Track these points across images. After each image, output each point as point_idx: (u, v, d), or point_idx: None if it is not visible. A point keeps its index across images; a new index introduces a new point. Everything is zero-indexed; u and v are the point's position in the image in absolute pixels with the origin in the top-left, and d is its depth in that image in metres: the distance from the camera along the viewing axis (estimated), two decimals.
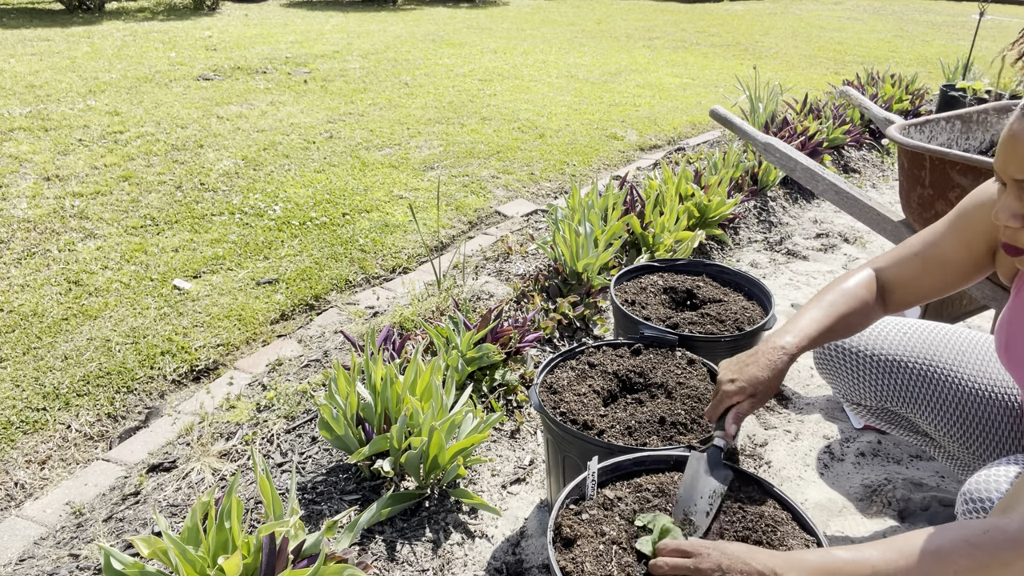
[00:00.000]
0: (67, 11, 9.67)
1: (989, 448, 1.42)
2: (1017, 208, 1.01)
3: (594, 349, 1.75)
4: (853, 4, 15.44)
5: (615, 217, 2.80)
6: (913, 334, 1.49)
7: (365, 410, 1.71)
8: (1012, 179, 1.00)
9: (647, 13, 12.54)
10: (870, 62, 8.01)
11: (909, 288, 1.32)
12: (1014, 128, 0.98)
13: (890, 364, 1.46)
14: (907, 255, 1.32)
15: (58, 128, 4.45)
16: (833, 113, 4.66)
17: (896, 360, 1.46)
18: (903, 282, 1.32)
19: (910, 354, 1.46)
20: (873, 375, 1.48)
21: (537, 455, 1.96)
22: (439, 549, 1.60)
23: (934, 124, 2.38)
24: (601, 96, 6.02)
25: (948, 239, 1.28)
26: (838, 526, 1.77)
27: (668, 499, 1.21)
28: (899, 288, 1.32)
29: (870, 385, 1.49)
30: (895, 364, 1.46)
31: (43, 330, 2.44)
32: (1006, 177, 1.01)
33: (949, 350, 1.46)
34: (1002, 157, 1.01)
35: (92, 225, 3.21)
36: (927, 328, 1.51)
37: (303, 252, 3.06)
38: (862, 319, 1.30)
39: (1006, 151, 0.99)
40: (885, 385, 1.47)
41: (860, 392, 1.51)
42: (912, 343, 1.47)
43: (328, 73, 6.46)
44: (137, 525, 1.63)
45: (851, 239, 3.54)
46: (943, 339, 1.48)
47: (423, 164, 4.18)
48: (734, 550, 0.97)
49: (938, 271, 1.29)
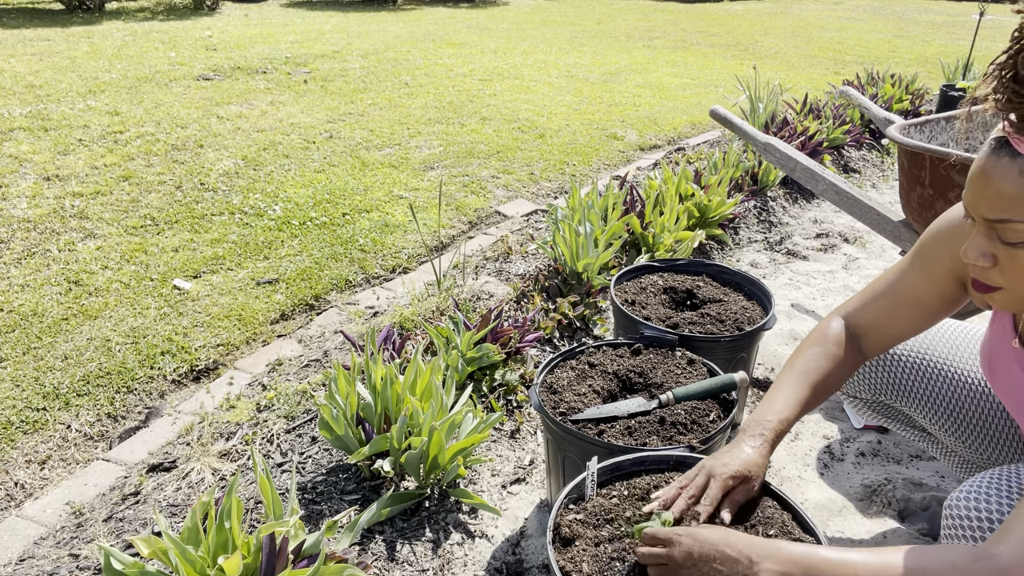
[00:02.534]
0: (67, 11, 9.67)
1: (984, 441, 1.42)
2: (986, 247, 0.96)
3: (594, 349, 1.75)
4: (853, 4, 15.44)
5: (615, 217, 2.80)
6: None
7: (365, 410, 1.71)
8: (982, 218, 0.95)
9: (647, 13, 12.54)
10: (870, 62, 8.01)
11: (883, 331, 1.27)
12: (985, 165, 0.93)
13: (886, 358, 1.47)
14: (874, 297, 1.28)
15: (58, 128, 4.45)
16: (833, 113, 4.66)
17: (892, 354, 1.47)
18: (875, 326, 1.27)
19: (906, 348, 1.46)
20: (868, 369, 1.49)
21: (537, 455, 1.96)
22: (439, 549, 1.60)
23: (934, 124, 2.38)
24: (601, 96, 6.02)
25: (913, 278, 1.23)
26: (838, 526, 1.77)
27: None
28: (872, 332, 1.28)
29: (865, 378, 1.50)
30: (891, 358, 1.47)
31: (43, 330, 2.44)
32: (975, 215, 0.96)
33: (943, 344, 1.46)
34: (971, 194, 0.95)
35: (92, 225, 3.21)
36: None
37: (303, 252, 3.06)
38: (839, 378, 1.25)
39: (975, 188, 0.94)
40: (880, 378, 1.48)
41: (856, 385, 1.52)
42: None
43: (328, 73, 6.46)
44: (137, 525, 1.63)
45: (851, 239, 3.54)
46: (938, 333, 1.49)
47: (423, 164, 4.18)
48: (706, 535, 0.96)
49: (909, 311, 1.24)
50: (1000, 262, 0.96)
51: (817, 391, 1.23)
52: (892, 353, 1.46)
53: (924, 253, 1.23)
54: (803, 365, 1.24)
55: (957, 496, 1.09)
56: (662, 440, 1.45)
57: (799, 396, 1.21)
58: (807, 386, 1.22)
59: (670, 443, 1.44)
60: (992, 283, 0.99)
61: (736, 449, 1.15)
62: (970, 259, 0.98)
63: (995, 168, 0.91)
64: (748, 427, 1.18)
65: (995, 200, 0.92)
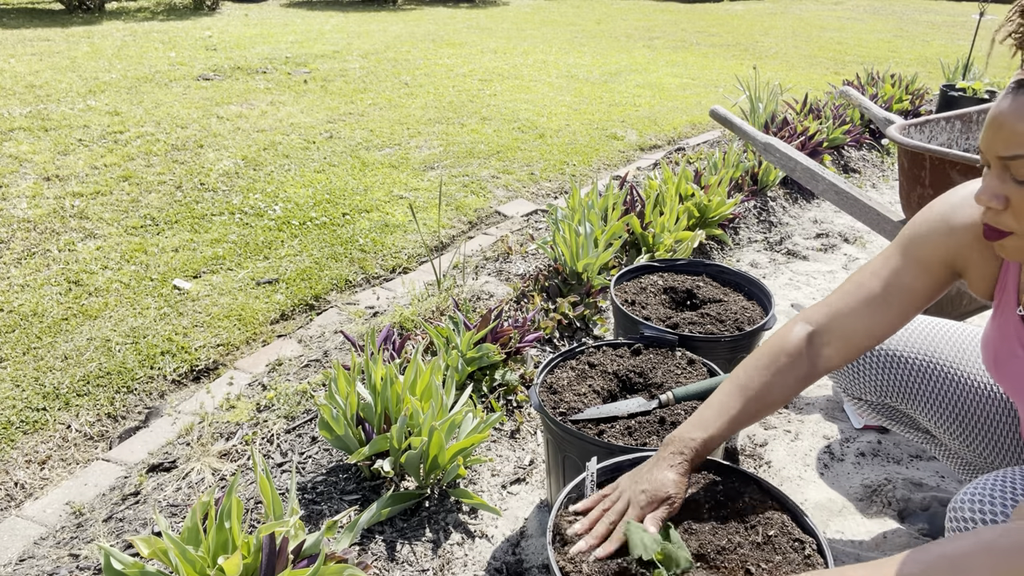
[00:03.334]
0: (67, 11, 9.67)
1: (989, 444, 1.42)
2: (1000, 189, 0.99)
3: (594, 349, 1.75)
4: (853, 4, 15.44)
5: (615, 217, 2.80)
6: (914, 330, 1.49)
7: (365, 410, 1.71)
8: (997, 157, 0.98)
9: (647, 13, 12.54)
10: (870, 62, 8.01)
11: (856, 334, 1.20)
12: (1003, 105, 0.97)
13: (891, 359, 1.46)
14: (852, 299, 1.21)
15: (58, 128, 4.45)
16: (833, 113, 4.66)
17: (897, 356, 1.46)
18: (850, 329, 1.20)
19: (911, 350, 1.46)
20: (874, 370, 1.48)
21: (537, 455, 1.96)
22: (439, 549, 1.60)
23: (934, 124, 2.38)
24: (601, 96, 6.02)
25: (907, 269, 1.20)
26: (838, 526, 1.77)
27: None
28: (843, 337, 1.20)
29: (871, 380, 1.49)
30: (896, 359, 1.46)
31: (43, 330, 2.44)
32: (990, 156, 0.99)
33: (949, 346, 1.46)
34: (988, 135, 0.99)
35: (92, 225, 3.21)
36: (928, 324, 1.51)
37: (303, 252, 3.06)
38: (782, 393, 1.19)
39: (993, 128, 0.98)
40: (886, 380, 1.47)
41: (861, 387, 1.52)
42: (913, 339, 1.47)
43: (328, 73, 6.46)
44: (137, 525, 1.63)
45: (851, 239, 3.54)
46: (944, 335, 1.48)
47: (423, 164, 4.18)
48: None
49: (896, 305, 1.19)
50: (1012, 204, 0.99)
51: (754, 406, 1.18)
52: (898, 355, 1.46)
53: (917, 242, 1.20)
54: (744, 378, 1.19)
55: (961, 498, 1.09)
56: (662, 440, 1.45)
57: (731, 412, 1.17)
58: (742, 400, 1.17)
59: None
60: (1004, 227, 1.01)
61: (656, 470, 1.14)
62: (983, 201, 1.00)
63: (1012, 107, 0.95)
64: (672, 442, 1.16)
65: (1011, 137, 0.95)
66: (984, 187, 1.01)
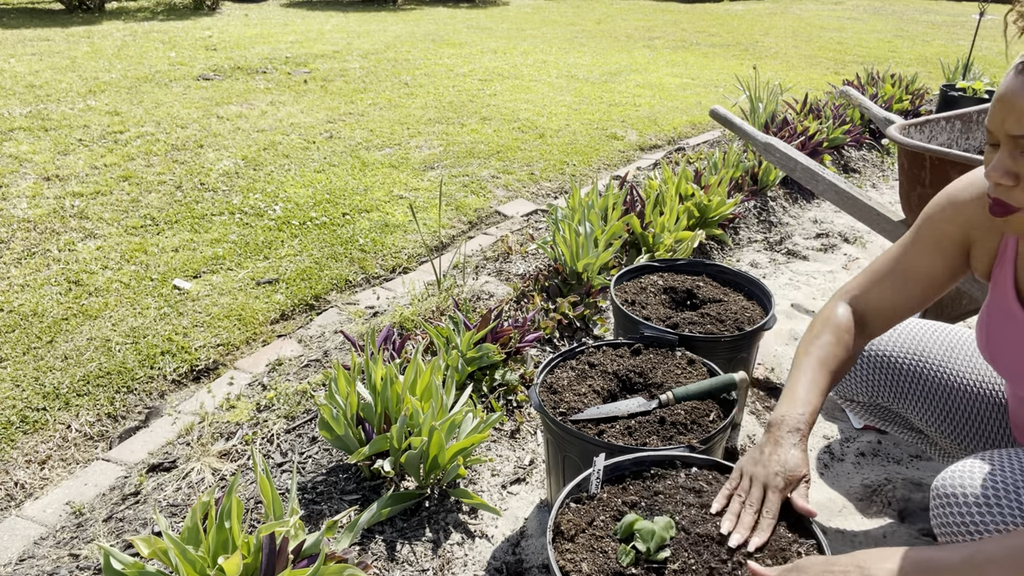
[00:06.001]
0: (67, 11, 9.67)
1: (978, 443, 1.45)
2: (1010, 166, 1.00)
3: (594, 349, 1.75)
4: (853, 4, 15.44)
5: (615, 217, 2.80)
6: (904, 332, 1.52)
7: (365, 410, 1.71)
8: (1008, 135, 0.99)
9: (647, 13, 12.54)
10: (870, 62, 8.01)
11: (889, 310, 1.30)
12: (1010, 85, 0.98)
13: (881, 361, 1.49)
14: (880, 278, 1.31)
15: (58, 128, 4.45)
16: (833, 113, 4.66)
17: (887, 357, 1.49)
18: (883, 307, 1.30)
19: (901, 351, 1.49)
20: (865, 372, 1.51)
21: (537, 455, 1.96)
22: (439, 549, 1.60)
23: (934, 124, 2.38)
24: (601, 96, 6.02)
25: (919, 251, 1.27)
26: (838, 526, 1.77)
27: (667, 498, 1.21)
28: (879, 313, 1.31)
29: (862, 381, 1.52)
30: (886, 361, 1.49)
31: (43, 330, 2.44)
32: (1000, 134, 1.00)
33: (939, 347, 1.49)
34: (997, 114, 1.00)
35: (92, 225, 3.21)
36: (917, 326, 1.54)
37: (303, 252, 3.06)
38: (848, 365, 1.29)
39: (1002, 107, 0.99)
40: (877, 382, 1.50)
41: (852, 388, 1.54)
42: (903, 341, 1.50)
43: (328, 73, 6.46)
44: (137, 525, 1.63)
45: (851, 239, 3.54)
46: (933, 336, 1.51)
47: (423, 164, 4.18)
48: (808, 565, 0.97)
49: (918, 285, 1.28)
50: (1022, 181, 1.00)
51: (834, 378, 1.25)
52: (888, 356, 1.48)
53: (930, 226, 1.26)
54: (820, 352, 1.26)
55: (944, 476, 1.12)
56: (662, 440, 1.45)
57: (820, 385, 1.22)
58: (826, 374, 1.24)
59: (670, 443, 1.44)
60: (1013, 203, 1.02)
61: (779, 451, 1.15)
62: (994, 177, 1.02)
63: (1020, 86, 0.97)
64: (782, 422, 1.18)
65: (1021, 116, 0.96)
66: (996, 164, 1.02)
